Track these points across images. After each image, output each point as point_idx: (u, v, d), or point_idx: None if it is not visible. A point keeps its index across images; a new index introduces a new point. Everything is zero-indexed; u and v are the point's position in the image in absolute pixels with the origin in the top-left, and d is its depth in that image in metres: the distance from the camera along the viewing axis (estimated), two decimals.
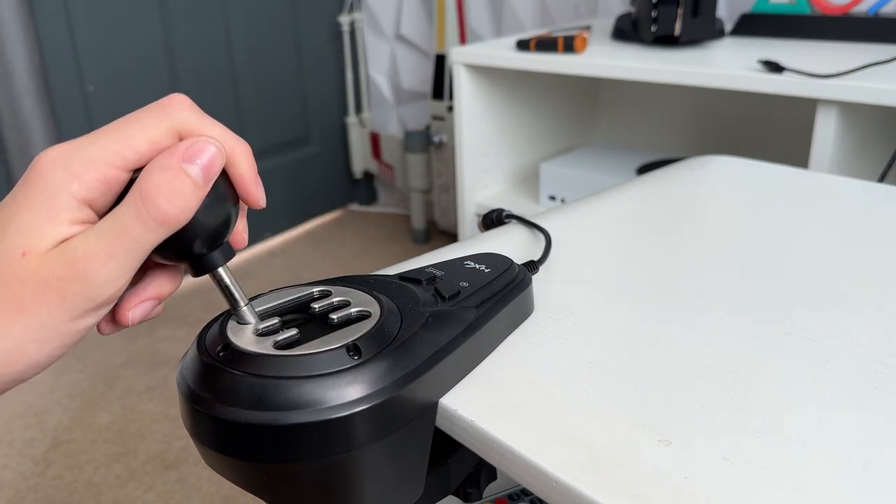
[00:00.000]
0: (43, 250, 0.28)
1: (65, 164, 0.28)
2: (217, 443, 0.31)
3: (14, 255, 0.27)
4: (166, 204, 0.28)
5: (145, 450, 1.38)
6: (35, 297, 0.27)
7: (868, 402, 0.34)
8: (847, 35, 1.15)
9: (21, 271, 0.27)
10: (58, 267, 0.27)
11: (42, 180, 0.28)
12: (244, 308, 0.34)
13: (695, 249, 0.51)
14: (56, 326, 0.28)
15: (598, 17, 1.68)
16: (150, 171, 0.29)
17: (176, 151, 0.29)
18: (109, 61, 1.77)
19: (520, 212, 0.57)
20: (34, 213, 0.28)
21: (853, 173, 0.99)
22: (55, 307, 0.28)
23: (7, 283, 0.27)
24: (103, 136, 0.29)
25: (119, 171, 0.29)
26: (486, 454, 0.33)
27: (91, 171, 0.28)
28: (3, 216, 0.28)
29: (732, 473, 0.30)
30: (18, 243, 0.27)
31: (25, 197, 0.28)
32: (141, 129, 0.29)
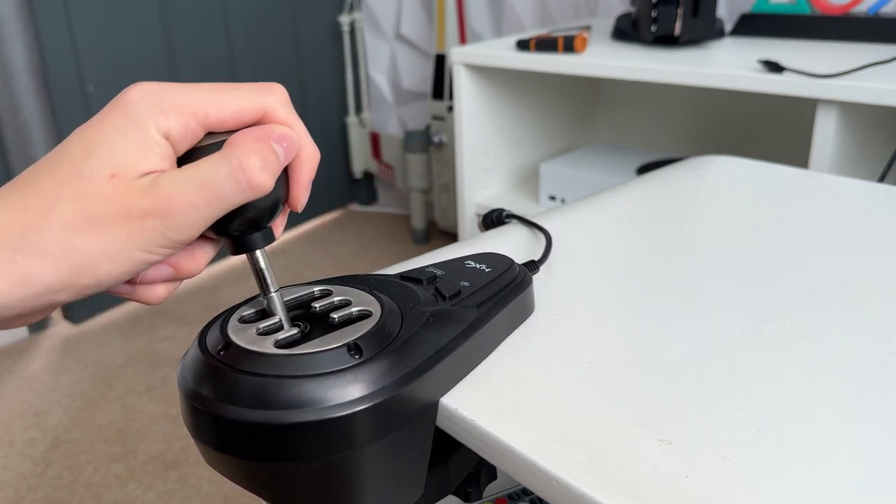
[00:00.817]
0: (132, 177, 0.29)
1: (156, 100, 0.29)
2: (218, 441, 0.31)
3: (102, 174, 0.28)
4: (260, 171, 0.30)
5: (145, 450, 1.38)
6: (116, 220, 0.28)
7: (868, 401, 0.34)
8: (847, 35, 1.15)
9: (108, 192, 0.28)
10: (144, 199, 0.28)
11: (134, 108, 0.29)
12: (273, 294, 0.34)
13: (695, 249, 0.51)
14: (129, 253, 0.29)
15: (598, 16, 1.68)
16: (246, 138, 0.30)
17: (269, 130, 0.31)
18: (109, 61, 1.77)
19: (520, 212, 0.57)
20: (125, 138, 0.29)
21: (853, 173, 0.99)
22: (133, 235, 0.28)
23: (91, 199, 0.28)
24: (195, 89, 0.30)
25: (199, 126, 0.30)
26: (486, 454, 0.33)
27: (176, 114, 0.29)
28: (91, 134, 0.29)
29: (733, 473, 0.30)
30: (109, 164, 0.28)
31: (116, 121, 0.29)
32: (233, 97, 0.31)
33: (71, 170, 0.28)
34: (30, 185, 0.29)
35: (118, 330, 1.82)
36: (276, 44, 2.11)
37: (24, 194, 0.28)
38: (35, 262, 0.28)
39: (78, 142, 0.29)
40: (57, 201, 0.28)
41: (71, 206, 0.28)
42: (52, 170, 0.29)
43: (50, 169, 0.29)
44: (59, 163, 0.29)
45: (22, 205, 0.28)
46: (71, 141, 0.29)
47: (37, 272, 0.28)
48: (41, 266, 0.28)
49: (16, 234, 0.28)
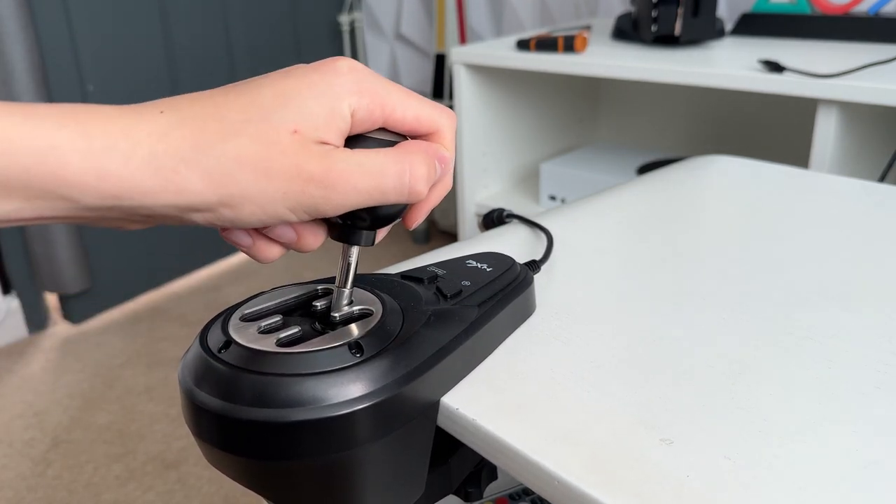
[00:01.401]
0: (312, 139, 0.30)
1: (358, 78, 0.31)
2: (219, 440, 0.31)
3: (287, 127, 0.29)
4: (423, 182, 0.32)
5: (145, 450, 1.38)
6: (282, 172, 0.29)
7: (869, 401, 0.34)
8: (847, 35, 1.15)
9: (286, 144, 0.29)
10: (316, 165, 0.29)
11: (335, 78, 0.30)
12: (347, 290, 0.35)
13: (696, 249, 0.51)
14: (277, 206, 0.30)
15: (598, 16, 1.68)
16: (419, 148, 0.32)
17: (437, 148, 0.33)
18: (109, 61, 1.77)
19: (520, 212, 0.57)
20: (319, 102, 0.30)
21: (853, 173, 0.99)
22: (290, 192, 0.29)
23: (270, 145, 0.29)
24: (392, 86, 0.32)
25: (382, 117, 0.32)
26: (487, 453, 0.33)
27: (370, 100, 0.31)
28: (289, 87, 0.30)
29: (734, 473, 0.30)
30: (295, 119, 0.29)
31: (315, 84, 0.30)
32: (419, 105, 0.33)
33: (260, 112, 0.29)
34: (214, 110, 0.29)
35: (118, 330, 1.82)
36: (276, 44, 2.11)
37: (205, 116, 0.29)
38: (196, 178, 0.28)
39: (274, 89, 0.30)
40: (237, 134, 0.29)
41: (249, 143, 0.29)
42: (242, 107, 0.29)
43: (239, 104, 0.29)
44: (251, 103, 0.29)
45: (201, 123, 0.29)
46: (266, 85, 0.30)
47: (192, 188, 0.28)
48: (199, 184, 0.28)
49: (188, 146, 0.28)
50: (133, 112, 0.28)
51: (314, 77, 0.31)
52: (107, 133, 0.27)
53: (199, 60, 1.94)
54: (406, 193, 0.31)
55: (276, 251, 0.34)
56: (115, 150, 0.27)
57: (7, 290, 1.79)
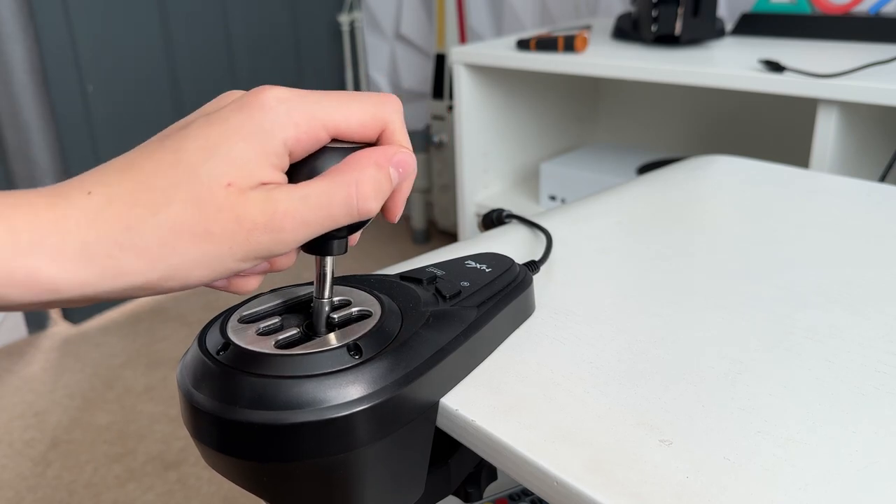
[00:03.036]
0: (247, 188, 0.28)
1: (288, 109, 0.29)
2: (217, 442, 0.31)
3: (219, 182, 0.28)
4: (373, 201, 0.30)
5: (145, 450, 1.38)
6: (224, 229, 0.28)
7: (869, 401, 0.34)
8: (848, 35, 1.15)
9: (220, 201, 0.28)
10: (256, 212, 0.28)
11: (264, 116, 0.28)
12: (326, 301, 0.34)
13: (695, 249, 0.51)
14: (227, 262, 0.29)
15: (598, 16, 1.68)
16: (366, 164, 0.30)
17: (388, 153, 0.31)
18: (109, 61, 1.77)
19: (520, 212, 0.57)
20: (248, 145, 0.28)
21: (853, 173, 0.99)
22: (237, 245, 0.28)
23: (204, 206, 0.28)
24: (328, 100, 0.30)
25: (327, 137, 0.30)
26: (486, 454, 0.33)
27: (307, 125, 0.29)
28: (213, 135, 0.28)
29: (734, 473, 0.30)
30: (226, 172, 0.28)
31: (241, 126, 0.28)
32: (361, 109, 0.31)
33: (188, 171, 0.28)
34: (142, 178, 0.28)
35: (118, 330, 1.82)
36: (276, 43, 2.11)
37: (133, 187, 0.28)
38: (133, 259, 0.27)
39: (198, 141, 0.28)
40: (168, 203, 0.27)
41: (182, 211, 0.27)
42: (169, 167, 0.28)
43: (166, 166, 0.28)
44: (178, 162, 0.28)
45: (130, 198, 0.27)
46: (191, 137, 0.28)
47: (132, 269, 0.27)
48: (138, 264, 0.27)
49: (119, 228, 0.27)
50: (60, 198, 0.27)
51: (240, 118, 0.29)
52: (34, 228, 0.26)
53: (199, 60, 1.94)
54: (356, 215, 0.30)
55: (254, 282, 0.33)
56: (43, 247, 0.26)
57: None
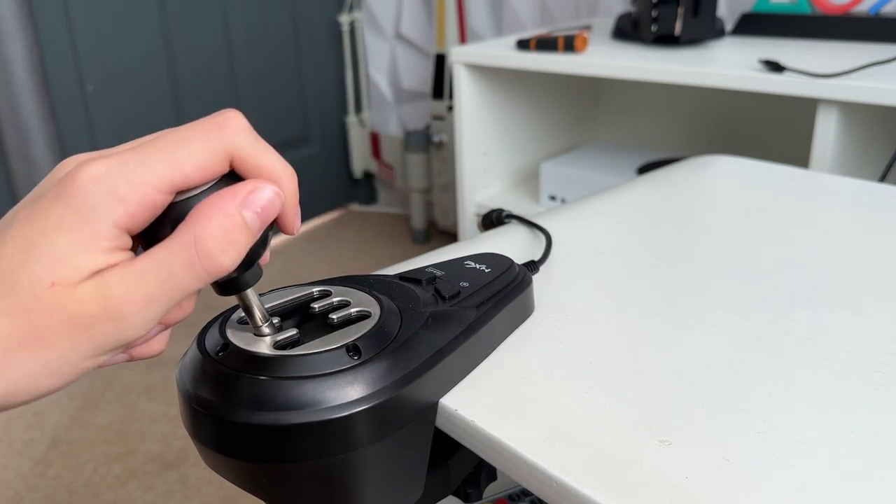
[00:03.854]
0: (75, 282, 0.25)
1: (109, 186, 0.25)
2: (216, 443, 0.31)
3: (42, 283, 0.25)
4: (221, 255, 0.27)
5: (145, 450, 1.38)
6: (59, 332, 0.25)
7: (868, 401, 0.34)
8: (848, 35, 1.15)
9: (48, 303, 0.25)
10: (90, 305, 0.25)
11: (83, 201, 0.25)
12: (264, 326, 0.33)
13: (695, 250, 0.51)
14: (76, 363, 0.26)
15: (598, 16, 1.68)
16: (208, 216, 0.27)
17: (236, 195, 0.27)
18: (109, 61, 1.77)
19: (520, 212, 0.57)
20: (70, 238, 0.25)
21: (853, 173, 0.99)
22: (80, 344, 0.26)
23: (29, 313, 0.25)
24: (151, 157, 0.26)
25: (165, 196, 0.27)
26: (486, 454, 0.33)
27: (137, 196, 0.26)
28: (31, 233, 0.25)
29: (733, 474, 0.30)
30: (49, 271, 0.25)
31: (61, 218, 0.25)
32: (193, 153, 0.27)
33: (8, 279, 0.25)
34: None
35: None
36: (276, 44, 2.11)
37: None
38: None
39: (16, 243, 0.25)
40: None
41: (7, 323, 0.25)
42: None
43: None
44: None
45: None
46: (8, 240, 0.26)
47: None
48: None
49: None
50: None
51: (58, 210, 0.25)
52: None
53: (199, 60, 1.94)
54: (206, 276, 0.27)
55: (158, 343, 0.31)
56: None
57: None
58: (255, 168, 0.28)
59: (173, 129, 0.28)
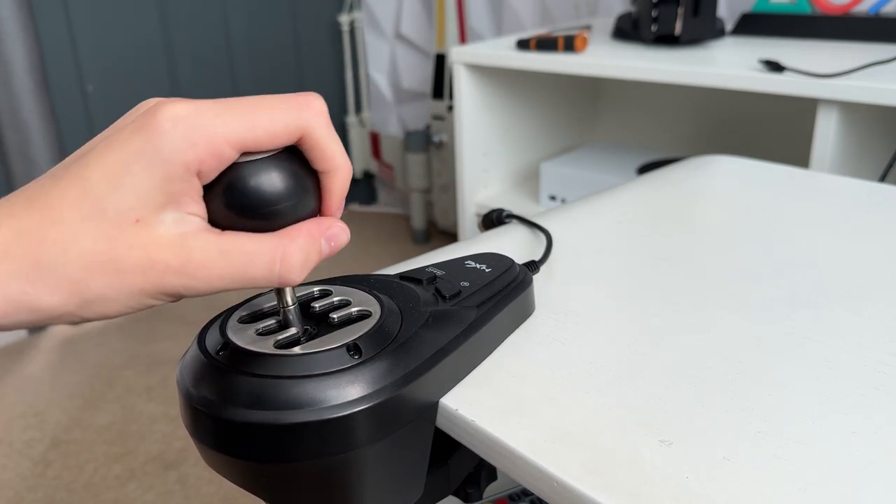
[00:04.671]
0: (156, 223, 0.28)
1: (186, 129, 0.27)
2: (217, 442, 0.31)
3: (127, 218, 0.27)
4: (298, 270, 0.30)
5: (145, 450, 1.38)
6: (135, 267, 0.27)
7: (869, 401, 0.34)
8: (848, 35, 1.15)
9: (131, 238, 0.27)
10: (171, 255, 0.28)
11: (160, 140, 0.27)
12: (291, 308, 0.34)
13: (695, 249, 0.51)
14: (140, 298, 0.28)
15: (598, 16, 1.68)
16: (302, 235, 0.30)
17: (323, 226, 0.31)
18: (109, 61, 1.77)
19: (520, 212, 0.57)
20: (150, 174, 0.27)
21: (853, 173, 0.99)
22: (149, 284, 0.28)
23: (114, 242, 0.27)
24: (230, 113, 0.28)
25: (233, 152, 0.28)
26: (486, 454, 0.33)
27: (209, 145, 0.28)
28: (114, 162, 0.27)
29: (733, 474, 0.30)
30: (133, 206, 0.27)
31: (140, 152, 0.27)
32: (269, 119, 0.29)
33: (94, 205, 0.27)
34: (50, 211, 0.27)
35: (118, 330, 1.81)
36: (276, 43, 2.11)
37: (42, 221, 0.27)
38: (47, 295, 0.27)
39: (101, 168, 0.27)
40: (77, 238, 0.27)
41: (92, 246, 0.27)
42: (76, 199, 0.27)
43: (73, 196, 0.27)
44: (84, 193, 0.27)
45: (39, 233, 0.27)
46: (92, 163, 0.27)
47: (46, 304, 0.27)
48: (52, 299, 0.27)
49: (29, 264, 0.27)
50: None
51: (137, 143, 0.27)
52: None
53: (199, 60, 1.94)
54: (276, 281, 0.30)
55: None
56: None
57: None
58: (320, 152, 0.30)
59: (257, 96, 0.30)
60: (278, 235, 0.29)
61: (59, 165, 0.29)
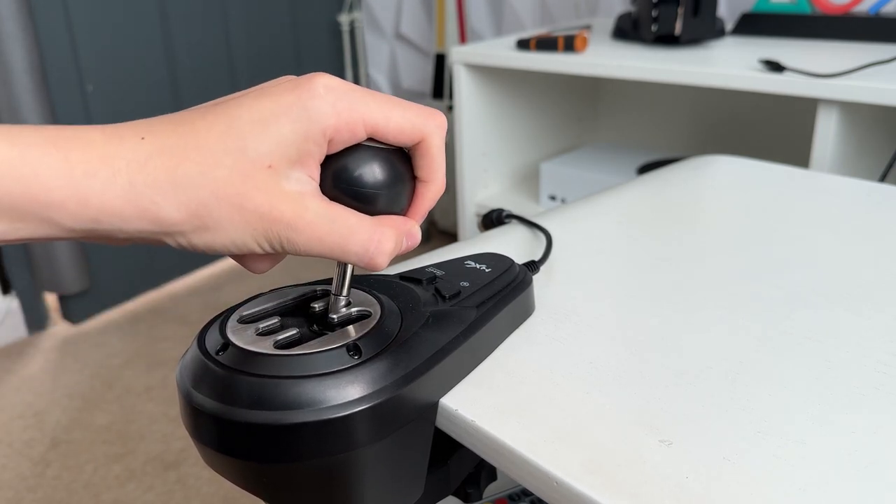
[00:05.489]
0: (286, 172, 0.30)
1: (335, 98, 0.30)
2: (217, 442, 0.31)
3: (263, 161, 0.29)
4: (386, 257, 0.32)
5: (145, 450, 1.38)
6: (255, 209, 0.30)
7: (869, 401, 0.34)
8: (848, 34, 1.15)
9: (261, 180, 0.29)
10: (288, 208, 0.30)
11: (311, 101, 0.30)
12: (343, 297, 0.35)
13: (695, 249, 0.51)
14: (247, 240, 0.30)
15: (598, 16, 1.68)
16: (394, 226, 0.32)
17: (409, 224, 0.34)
18: (109, 61, 1.77)
19: (520, 212, 0.57)
20: (293, 129, 0.30)
21: (853, 173, 0.99)
22: (260, 228, 0.30)
23: (245, 180, 0.29)
24: (373, 99, 0.31)
25: (364, 134, 0.31)
26: (486, 454, 0.33)
27: (349, 118, 0.30)
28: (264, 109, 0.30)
29: (733, 474, 0.30)
30: (271, 152, 0.29)
31: (291, 107, 0.30)
32: (402, 116, 0.32)
33: (238, 141, 0.29)
34: (193, 138, 0.29)
35: (118, 330, 1.81)
36: (276, 43, 2.11)
37: (185, 145, 0.29)
38: (172, 210, 0.29)
39: (251, 113, 0.30)
40: (216, 166, 0.29)
41: (226, 177, 0.29)
42: (221, 134, 0.29)
43: (218, 130, 0.29)
44: (230, 129, 0.29)
45: (181, 152, 0.29)
46: (244, 106, 0.30)
47: (169, 218, 0.29)
48: (175, 215, 0.29)
49: (166, 178, 0.29)
50: (115, 136, 0.29)
51: (290, 99, 0.30)
52: (87, 161, 0.28)
53: (199, 60, 1.94)
54: (367, 262, 0.32)
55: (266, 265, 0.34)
56: (95, 178, 0.28)
57: (7, 290, 1.79)
58: (430, 161, 0.33)
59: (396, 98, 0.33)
60: (377, 221, 0.32)
61: (202, 105, 0.31)
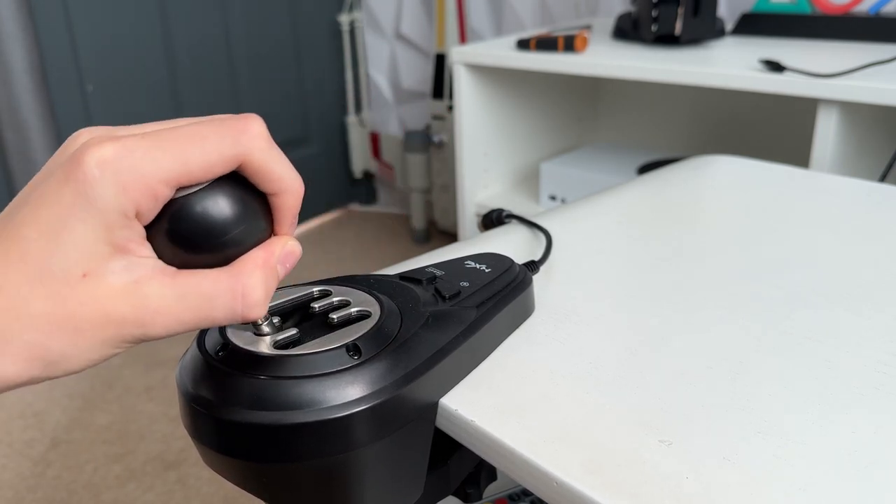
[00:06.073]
0: (105, 273, 0.27)
1: (115, 174, 0.26)
2: (216, 443, 0.31)
3: (74, 273, 0.26)
4: (262, 306, 0.29)
5: (145, 450, 1.38)
6: (93, 323, 0.27)
7: (869, 401, 0.34)
8: (848, 34, 1.15)
9: (82, 294, 0.26)
10: (124, 306, 0.27)
11: (90, 188, 0.26)
12: (264, 325, 0.33)
13: (695, 249, 0.51)
14: (103, 351, 0.27)
15: (598, 16, 1.68)
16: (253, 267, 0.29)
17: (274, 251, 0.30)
18: (109, 61, 1.77)
19: (520, 212, 0.57)
20: (87, 226, 0.26)
21: (853, 173, 0.99)
22: (108, 336, 0.27)
23: (64, 301, 0.26)
24: (159, 150, 0.27)
25: (168, 190, 0.27)
26: (486, 454, 0.33)
27: (141, 187, 0.26)
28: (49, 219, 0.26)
29: (734, 474, 0.30)
30: (78, 261, 0.26)
31: (73, 204, 0.26)
32: (202, 152, 0.27)
33: (38, 265, 0.26)
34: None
35: None
36: (276, 43, 2.11)
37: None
38: (7, 364, 0.26)
39: (35, 226, 0.26)
40: (28, 301, 0.26)
41: (44, 307, 0.26)
42: (16, 260, 0.26)
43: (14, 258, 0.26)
44: (25, 254, 0.26)
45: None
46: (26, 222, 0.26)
47: (6, 372, 0.26)
48: (13, 367, 0.26)
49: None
50: None
51: (68, 196, 0.26)
52: None
53: (199, 60, 1.94)
54: (240, 319, 0.29)
55: None
56: None
57: None
58: (265, 176, 0.29)
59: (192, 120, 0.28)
60: (235, 271, 0.28)
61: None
